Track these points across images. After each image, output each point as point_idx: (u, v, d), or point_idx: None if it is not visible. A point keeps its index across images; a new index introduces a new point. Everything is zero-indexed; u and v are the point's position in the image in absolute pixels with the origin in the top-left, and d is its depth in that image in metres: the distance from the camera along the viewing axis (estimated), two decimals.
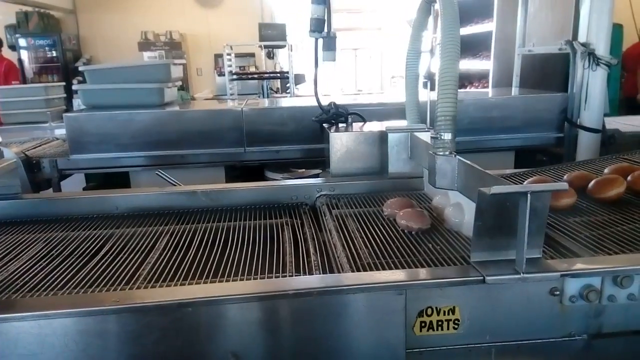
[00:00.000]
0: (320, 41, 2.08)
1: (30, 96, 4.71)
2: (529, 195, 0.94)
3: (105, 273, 1.24)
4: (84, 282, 1.19)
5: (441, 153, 1.32)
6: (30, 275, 1.24)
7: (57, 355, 0.97)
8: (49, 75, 8.21)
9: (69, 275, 1.23)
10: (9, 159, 1.75)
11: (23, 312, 0.99)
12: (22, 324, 0.97)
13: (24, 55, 8.21)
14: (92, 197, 1.76)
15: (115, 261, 1.32)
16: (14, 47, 8.27)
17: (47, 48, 8.17)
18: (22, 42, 8.15)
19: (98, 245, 1.44)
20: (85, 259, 1.34)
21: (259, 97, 6.35)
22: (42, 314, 0.98)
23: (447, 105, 1.31)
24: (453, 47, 1.32)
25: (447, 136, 1.31)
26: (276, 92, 7.10)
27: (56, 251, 1.40)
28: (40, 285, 1.18)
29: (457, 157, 1.31)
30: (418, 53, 1.89)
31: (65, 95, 5.26)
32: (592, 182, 1.53)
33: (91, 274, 1.24)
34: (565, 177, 1.68)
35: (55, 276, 1.23)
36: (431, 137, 1.36)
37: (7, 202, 1.70)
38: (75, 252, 1.39)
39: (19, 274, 1.25)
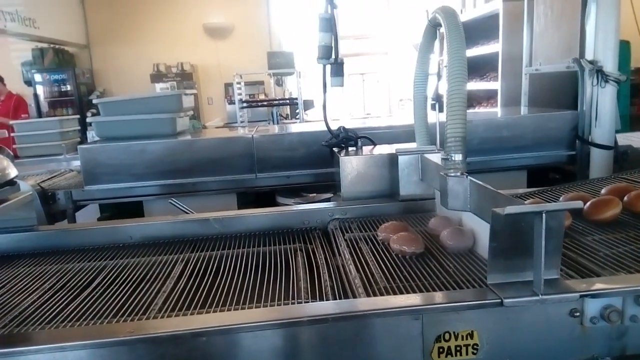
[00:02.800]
0: (328, 67, 2.11)
1: (46, 129, 4.81)
2: (544, 214, 0.93)
3: (121, 303, 1.24)
4: (99, 313, 1.19)
5: (452, 174, 1.32)
6: (46, 307, 1.24)
7: None
8: (64, 109, 8.41)
9: (84, 307, 1.23)
10: (25, 192, 1.78)
11: (39, 345, 0.99)
12: (37, 357, 0.97)
13: (40, 90, 8.44)
14: (106, 228, 1.77)
15: (131, 291, 1.32)
16: (29, 83, 8.51)
17: (61, 82, 8.39)
18: (37, 77, 8.39)
19: (113, 276, 1.44)
20: (101, 290, 1.34)
21: (269, 123, 6.42)
22: (58, 346, 0.97)
23: (457, 126, 1.31)
24: (460, 69, 1.33)
25: (458, 157, 1.32)
26: (286, 118, 7.17)
27: (72, 283, 1.41)
28: (55, 317, 1.18)
29: (469, 177, 1.30)
30: (425, 76, 1.91)
31: (79, 127, 5.36)
32: (588, 204, 1.51)
33: (107, 305, 1.24)
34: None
35: (71, 308, 1.23)
36: (442, 159, 1.36)
37: (23, 234, 1.72)
38: (91, 283, 1.39)
39: (35, 306, 1.25)
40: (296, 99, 6.30)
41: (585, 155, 2.84)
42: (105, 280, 1.41)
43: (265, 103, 6.73)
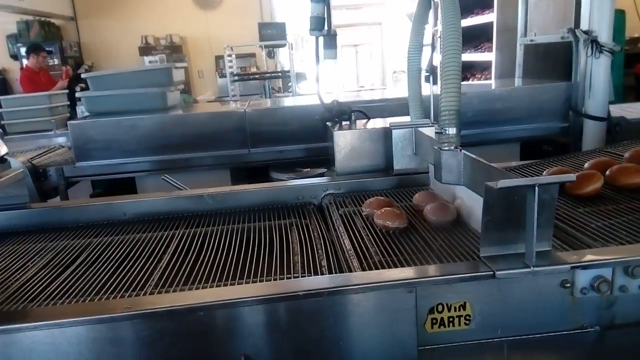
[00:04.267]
0: (321, 39, 2.08)
1: (34, 105, 4.73)
2: (536, 187, 0.93)
3: (117, 279, 1.24)
4: (95, 289, 1.20)
5: (446, 148, 1.32)
6: (41, 285, 1.25)
7: None
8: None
9: (80, 283, 1.24)
10: (16, 169, 1.76)
11: (36, 322, 0.99)
12: (35, 334, 0.98)
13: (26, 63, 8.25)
14: (99, 204, 1.76)
15: (126, 267, 1.32)
16: (16, 57, 8.32)
17: (48, 56, 8.19)
18: (23, 51, 8.19)
19: (108, 252, 1.44)
20: (96, 266, 1.35)
21: (261, 97, 6.34)
22: (55, 322, 0.98)
23: (451, 99, 1.30)
24: (455, 40, 1.31)
25: (452, 131, 1.31)
26: (278, 92, 7.09)
27: (66, 259, 1.41)
28: (51, 294, 1.18)
29: (463, 151, 1.30)
30: (420, 47, 1.88)
31: (68, 102, 5.28)
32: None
33: (102, 280, 1.24)
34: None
35: (66, 284, 1.23)
36: (436, 132, 1.36)
37: (15, 212, 1.71)
38: (85, 260, 1.39)
39: (30, 284, 1.26)
40: (288, 71, 6.20)
41: (578, 127, 2.85)
42: (99, 257, 1.41)
43: (257, 76, 6.63)
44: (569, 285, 1.05)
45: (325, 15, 2.04)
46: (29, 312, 1.09)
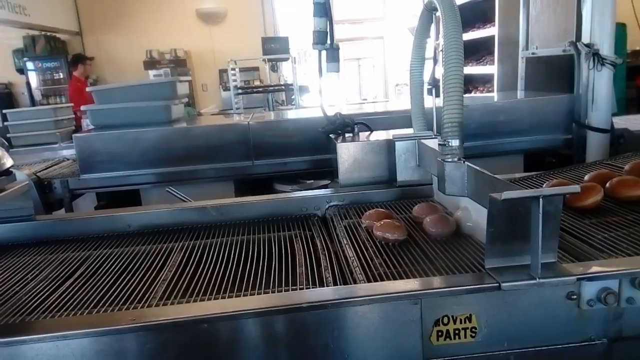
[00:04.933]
0: (324, 53, 2.10)
1: (40, 118, 4.77)
2: (541, 199, 0.93)
3: (121, 292, 1.24)
4: (99, 301, 1.20)
5: (449, 160, 1.32)
6: (45, 296, 1.25)
7: None
8: (57, 97, 8.33)
9: (84, 295, 1.24)
10: (22, 181, 1.77)
11: (40, 334, 0.99)
12: (40, 345, 0.98)
13: (32, 77, 8.34)
14: (103, 216, 1.77)
15: (130, 279, 1.32)
16: (22, 71, 8.41)
17: (54, 70, 8.30)
18: (29, 65, 8.29)
19: (112, 264, 1.44)
20: (100, 278, 1.35)
21: (264, 110, 6.39)
22: (60, 334, 0.98)
23: (454, 112, 1.31)
24: (456, 53, 1.32)
25: (455, 142, 1.31)
26: (281, 104, 7.14)
27: (70, 271, 1.41)
28: (55, 306, 1.18)
29: (466, 163, 1.30)
30: (422, 60, 1.90)
31: (74, 115, 5.32)
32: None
33: (106, 292, 1.24)
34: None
35: (70, 296, 1.23)
36: (439, 144, 1.36)
37: (20, 224, 1.72)
38: (90, 272, 1.40)
39: (34, 295, 1.26)
40: (292, 84, 6.26)
41: (582, 139, 2.85)
42: (103, 269, 1.41)
43: (260, 89, 6.68)
44: (575, 297, 1.04)
45: (328, 30, 2.06)
46: (32, 324, 1.09)
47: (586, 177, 1.67)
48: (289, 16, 9.05)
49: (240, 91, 6.33)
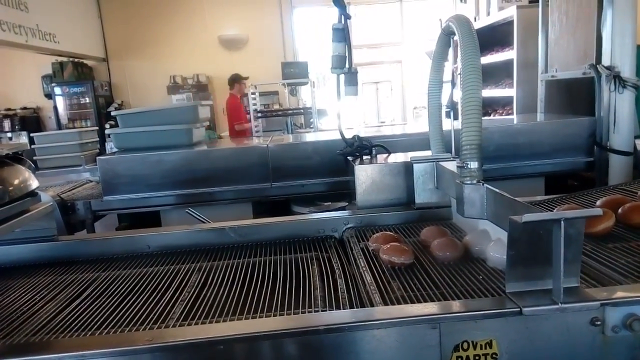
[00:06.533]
0: (342, 77, 2.13)
1: (66, 141, 4.92)
2: (562, 222, 0.92)
3: (140, 312, 1.25)
4: (119, 321, 1.21)
5: (468, 182, 1.31)
6: (66, 316, 1.26)
7: None
8: (83, 121, 8.57)
9: (104, 315, 1.25)
10: (46, 203, 1.82)
11: (60, 353, 1.00)
12: None
13: (59, 102, 8.62)
14: (124, 237, 1.80)
15: (149, 300, 1.33)
16: (49, 96, 8.70)
17: (80, 95, 8.57)
18: (57, 90, 8.58)
19: (132, 285, 1.46)
20: (120, 299, 1.36)
21: (283, 133, 6.46)
22: (79, 354, 0.99)
23: (472, 134, 1.31)
24: (474, 76, 1.33)
25: (474, 165, 1.31)
26: (300, 127, 7.21)
27: (91, 292, 1.43)
28: (75, 326, 1.20)
29: (485, 185, 1.29)
30: (440, 83, 1.91)
31: (98, 139, 5.47)
32: None
33: (126, 313, 1.25)
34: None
35: (91, 316, 1.25)
36: (457, 166, 1.36)
37: (44, 244, 1.76)
38: (110, 292, 1.41)
39: (55, 315, 1.27)
40: (310, 108, 6.33)
41: (604, 162, 2.80)
42: (123, 289, 1.43)
43: (279, 113, 6.78)
44: (599, 323, 1.01)
45: (347, 54, 2.09)
46: (51, 344, 1.10)
47: (598, 203, 1.63)
48: (308, 41, 9.21)
49: (260, 115, 6.42)
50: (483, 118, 1.33)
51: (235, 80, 6.66)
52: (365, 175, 1.96)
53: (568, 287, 0.96)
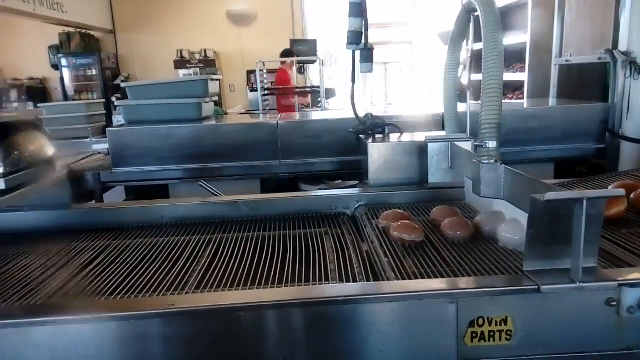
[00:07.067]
0: (358, 53, 2.10)
1: (73, 113, 4.91)
2: (584, 201, 0.92)
3: (155, 280, 1.27)
4: (134, 288, 1.22)
5: (486, 161, 1.31)
6: (80, 281, 1.28)
7: (113, 358, 1.00)
8: (89, 93, 8.53)
9: (119, 282, 1.26)
10: (59, 170, 1.82)
11: (82, 315, 1.02)
12: (81, 327, 1.00)
13: (65, 74, 8.57)
14: (139, 207, 1.81)
15: (167, 268, 1.35)
16: (56, 67, 8.64)
17: (87, 67, 8.51)
18: (64, 61, 8.52)
19: (146, 253, 1.47)
20: (134, 267, 1.37)
21: None
22: (101, 316, 1.01)
23: (492, 113, 1.30)
24: (496, 55, 1.32)
25: (492, 144, 1.31)
26: (307, 107, 7.17)
27: (106, 259, 1.45)
28: (90, 291, 1.21)
29: (503, 165, 1.29)
30: (456, 63, 1.89)
31: (105, 111, 5.46)
32: None
33: (141, 280, 1.27)
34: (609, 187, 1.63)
35: (105, 282, 1.26)
36: (476, 146, 1.35)
37: (59, 211, 1.77)
38: (125, 260, 1.43)
39: (69, 280, 1.29)
40: (318, 87, 6.27)
41: (615, 149, 2.79)
42: (138, 257, 1.44)
43: (287, 91, 6.72)
44: (614, 303, 1.02)
45: (363, 30, 2.07)
46: (73, 306, 1.12)
47: (609, 187, 1.63)
48: (317, 19, 9.09)
49: (267, 92, 6.38)
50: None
51: (288, 55, 6.61)
52: (378, 153, 1.95)
53: (586, 267, 0.97)
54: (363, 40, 2.07)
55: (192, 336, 0.99)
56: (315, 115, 4.01)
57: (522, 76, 4.39)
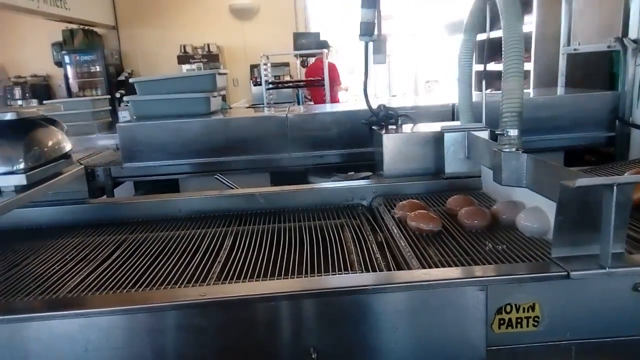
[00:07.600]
0: (370, 45, 2.10)
1: (78, 109, 4.91)
2: (615, 187, 0.92)
3: (176, 272, 1.27)
4: (156, 280, 1.23)
5: (507, 150, 1.31)
6: (100, 274, 1.29)
7: (145, 348, 1.01)
8: (93, 89, 8.52)
9: (140, 274, 1.27)
10: (76, 165, 1.83)
11: (110, 307, 1.02)
12: (111, 319, 1.01)
13: (69, 70, 8.55)
14: (156, 201, 1.81)
15: (183, 260, 1.35)
16: (59, 64, 8.63)
17: (90, 63, 8.49)
18: (67, 58, 8.50)
19: (164, 246, 1.48)
20: (153, 259, 1.38)
21: (293, 105, 6.40)
22: (129, 308, 1.01)
23: (513, 101, 1.30)
24: (517, 43, 1.31)
25: (514, 132, 1.31)
26: (310, 100, 7.15)
27: (127, 252, 1.45)
28: (110, 284, 1.22)
29: (525, 153, 1.29)
30: (471, 53, 1.88)
31: (110, 107, 5.45)
32: None
33: (162, 272, 1.28)
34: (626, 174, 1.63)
35: (127, 275, 1.27)
36: (497, 133, 1.35)
37: (77, 206, 1.78)
38: (146, 253, 1.43)
39: (89, 274, 1.30)
40: (322, 80, 6.25)
41: (625, 137, 2.77)
42: (159, 250, 1.45)
43: (291, 84, 6.71)
44: None
45: (376, 21, 2.06)
46: (102, 299, 1.13)
47: (626, 174, 1.63)
48: (320, 12, 9.04)
49: (271, 86, 6.36)
50: (496, 92, 1.32)
51: (323, 46, 6.58)
52: (392, 144, 1.95)
53: (615, 253, 0.97)
54: (376, 31, 2.06)
55: (225, 326, 1.00)
56: (323, 108, 4.00)
57: (528, 65, 4.36)
